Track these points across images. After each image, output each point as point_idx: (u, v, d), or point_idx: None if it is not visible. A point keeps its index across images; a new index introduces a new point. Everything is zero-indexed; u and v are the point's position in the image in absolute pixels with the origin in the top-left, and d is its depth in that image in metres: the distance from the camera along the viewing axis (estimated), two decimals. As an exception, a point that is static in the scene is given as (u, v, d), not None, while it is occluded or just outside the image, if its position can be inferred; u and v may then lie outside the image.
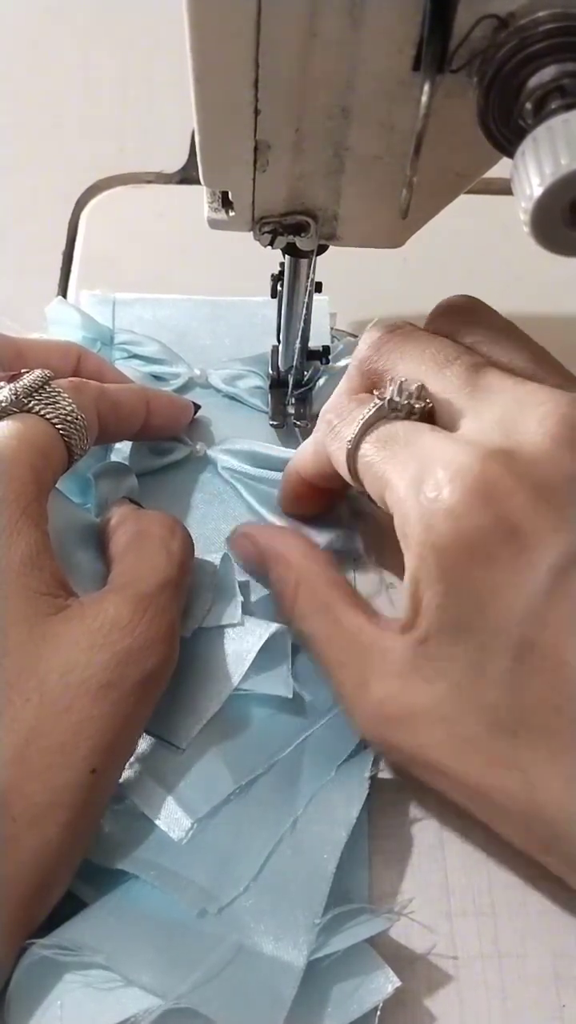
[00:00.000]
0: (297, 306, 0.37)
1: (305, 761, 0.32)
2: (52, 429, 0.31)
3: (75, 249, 0.48)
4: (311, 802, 0.31)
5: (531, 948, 0.30)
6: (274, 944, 0.27)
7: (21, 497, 0.28)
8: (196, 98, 0.27)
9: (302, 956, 0.27)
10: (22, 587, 0.27)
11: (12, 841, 0.25)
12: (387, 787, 0.32)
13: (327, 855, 0.29)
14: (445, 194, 0.31)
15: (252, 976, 0.27)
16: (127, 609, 0.28)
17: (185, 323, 0.44)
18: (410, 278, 0.45)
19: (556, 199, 0.22)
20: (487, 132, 0.25)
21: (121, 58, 0.56)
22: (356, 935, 0.28)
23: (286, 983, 0.27)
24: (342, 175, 0.30)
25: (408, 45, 0.25)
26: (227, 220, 0.32)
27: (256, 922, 0.28)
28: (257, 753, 0.32)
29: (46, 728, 0.26)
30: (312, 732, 0.32)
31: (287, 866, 0.29)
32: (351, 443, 0.30)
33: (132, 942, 0.27)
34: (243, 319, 0.44)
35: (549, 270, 0.36)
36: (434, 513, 0.27)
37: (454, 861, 0.31)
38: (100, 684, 0.27)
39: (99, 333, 0.42)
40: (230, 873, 0.29)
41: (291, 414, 0.41)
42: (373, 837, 0.31)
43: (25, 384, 0.31)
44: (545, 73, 0.23)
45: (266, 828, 0.30)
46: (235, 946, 0.27)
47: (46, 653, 0.27)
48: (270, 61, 0.25)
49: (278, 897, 0.29)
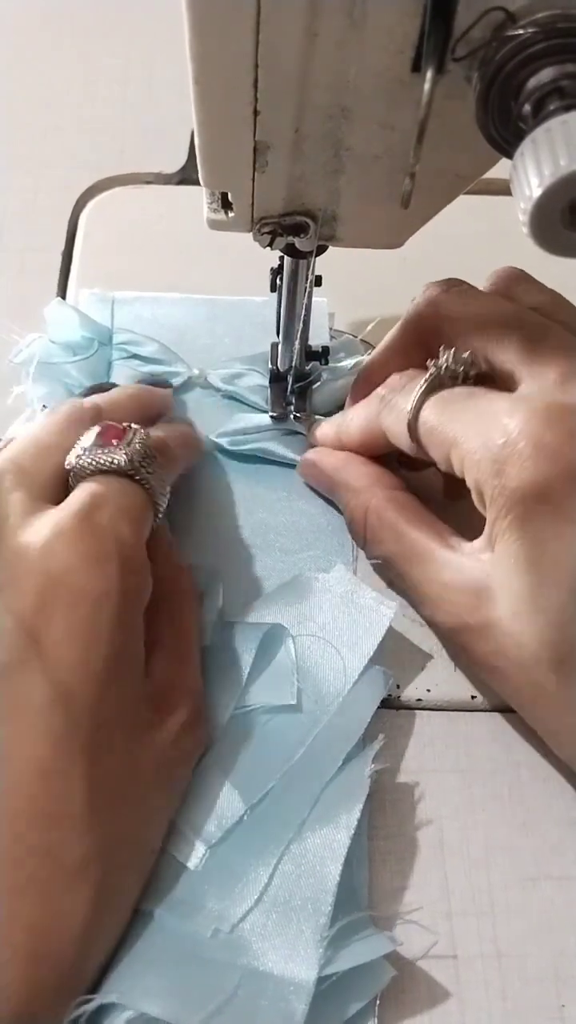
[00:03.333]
0: (296, 306, 0.37)
1: (306, 767, 0.32)
2: (149, 497, 0.31)
3: (75, 249, 0.48)
4: (314, 807, 0.31)
5: (531, 948, 0.30)
6: (283, 964, 0.27)
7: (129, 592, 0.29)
8: (196, 99, 0.27)
9: (312, 973, 0.27)
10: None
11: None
12: (387, 787, 0.33)
13: (331, 864, 0.29)
14: (445, 195, 0.31)
15: (263, 998, 0.27)
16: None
17: (184, 322, 0.44)
18: (410, 278, 0.45)
19: (555, 200, 0.22)
20: (486, 133, 0.25)
21: (121, 58, 0.56)
22: (364, 955, 0.28)
23: (297, 1001, 0.27)
24: (342, 176, 0.30)
25: (408, 45, 0.25)
26: (227, 221, 0.32)
27: (263, 942, 0.28)
28: (264, 768, 0.31)
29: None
30: (315, 736, 0.32)
31: (291, 879, 0.29)
32: (411, 412, 0.32)
33: (142, 975, 0.27)
34: (242, 318, 0.44)
35: (548, 271, 0.36)
36: (506, 459, 0.29)
37: (454, 861, 0.31)
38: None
39: (98, 333, 0.42)
40: (240, 890, 0.29)
41: (291, 404, 0.41)
42: (373, 837, 0.32)
43: (136, 450, 0.31)
44: (544, 75, 0.22)
45: (271, 840, 0.30)
46: (245, 969, 0.27)
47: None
48: (270, 62, 0.25)
49: (284, 913, 0.28)
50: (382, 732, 0.33)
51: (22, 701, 0.27)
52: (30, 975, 0.24)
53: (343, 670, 0.33)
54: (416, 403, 0.32)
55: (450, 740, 0.34)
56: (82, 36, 0.57)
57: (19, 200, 0.50)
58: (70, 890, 0.26)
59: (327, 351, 0.40)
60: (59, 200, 0.50)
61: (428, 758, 0.33)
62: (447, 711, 0.35)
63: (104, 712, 0.27)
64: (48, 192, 0.50)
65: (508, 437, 0.29)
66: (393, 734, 0.34)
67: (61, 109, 0.54)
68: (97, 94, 0.55)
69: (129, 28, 0.58)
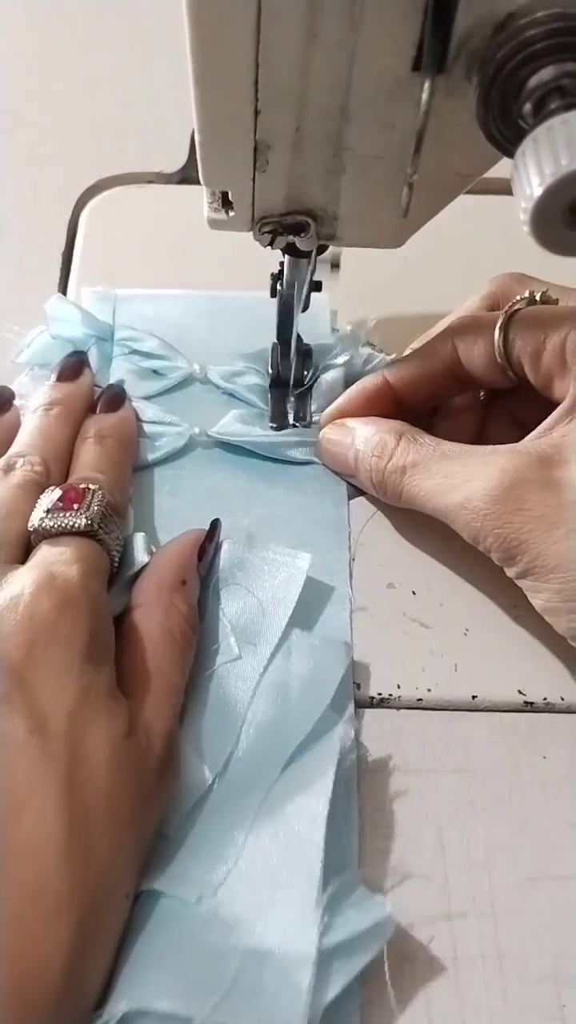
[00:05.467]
0: (296, 306, 0.37)
1: (270, 727, 0.32)
2: (107, 555, 0.33)
3: (75, 249, 0.48)
4: (284, 774, 0.31)
5: (531, 948, 0.30)
6: (283, 939, 0.28)
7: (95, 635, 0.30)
8: (196, 98, 0.27)
9: (312, 943, 0.27)
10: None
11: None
12: (386, 787, 0.33)
13: (313, 831, 0.30)
14: (445, 194, 0.31)
15: (268, 975, 0.27)
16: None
17: (185, 318, 0.45)
18: (410, 278, 0.45)
19: (556, 199, 0.22)
20: (487, 132, 0.25)
21: (121, 58, 0.56)
22: (362, 921, 0.28)
23: (302, 972, 0.27)
24: (342, 175, 0.30)
25: (408, 45, 0.25)
26: (227, 220, 0.32)
27: (261, 922, 0.28)
28: (226, 726, 0.32)
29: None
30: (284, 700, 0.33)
31: (275, 854, 0.29)
32: (503, 319, 0.34)
33: (147, 974, 0.27)
34: (243, 315, 0.45)
35: (548, 270, 0.36)
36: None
37: (454, 861, 0.31)
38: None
39: (99, 329, 0.42)
40: (219, 854, 0.29)
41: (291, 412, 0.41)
42: (372, 837, 0.31)
43: (95, 513, 0.33)
44: (544, 73, 0.23)
45: (247, 802, 0.30)
46: (246, 952, 0.27)
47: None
48: (270, 61, 0.25)
49: (274, 890, 0.29)
50: (380, 731, 0.33)
51: (4, 738, 0.27)
52: (16, 1016, 0.24)
53: (262, 613, 0.34)
54: (503, 321, 0.34)
55: (450, 740, 0.34)
56: (82, 36, 0.57)
57: (19, 200, 0.50)
58: (50, 926, 0.25)
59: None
60: (59, 200, 0.50)
61: (428, 758, 0.33)
62: (447, 711, 0.34)
63: (79, 747, 0.28)
64: (48, 192, 0.50)
65: None
66: (393, 734, 0.34)
67: (61, 109, 0.54)
68: (97, 94, 0.55)
69: (129, 28, 0.58)
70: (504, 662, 0.35)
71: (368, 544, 0.38)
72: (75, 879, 0.26)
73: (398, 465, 0.35)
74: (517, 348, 0.34)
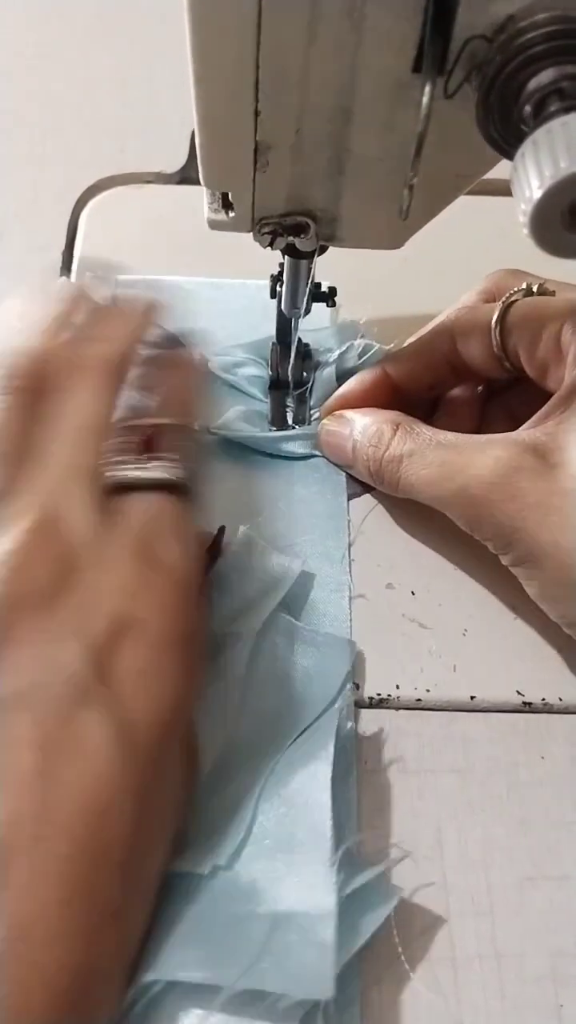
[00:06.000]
0: (297, 306, 0.37)
1: (282, 718, 0.33)
2: (187, 497, 0.32)
3: (75, 249, 0.48)
4: (290, 748, 0.32)
5: (529, 948, 0.30)
6: (303, 899, 0.28)
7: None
8: (197, 99, 0.27)
9: (331, 898, 0.28)
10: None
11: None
12: (385, 787, 0.33)
13: (320, 794, 0.30)
14: (445, 195, 0.31)
15: (293, 935, 0.27)
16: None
17: (185, 305, 0.45)
18: (410, 278, 0.45)
19: (555, 202, 0.22)
20: (487, 134, 0.25)
21: (121, 58, 0.56)
22: (375, 870, 0.29)
23: (325, 928, 0.27)
24: (342, 176, 0.30)
25: (408, 47, 0.25)
26: (227, 221, 0.32)
27: (279, 886, 0.29)
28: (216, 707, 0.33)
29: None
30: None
31: (287, 820, 0.30)
32: (500, 310, 0.35)
33: (171, 946, 0.27)
34: (243, 302, 0.45)
35: (548, 271, 0.36)
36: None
37: (452, 861, 0.31)
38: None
39: None
40: (230, 824, 0.30)
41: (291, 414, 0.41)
42: (371, 837, 0.32)
43: (186, 467, 0.31)
44: (544, 76, 0.23)
45: (252, 778, 0.31)
46: (269, 916, 0.28)
47: None
48: (271, 62, 0.25)
49: (289, 853, 0.29)
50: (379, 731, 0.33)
51: (80, 737, 0.25)
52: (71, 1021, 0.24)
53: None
54: (500, 311, 0.35)
55: (449, 740, 0.34)
56: (82, 36, 0.57)
57: (19, 200, 0.50)
58: (104, 934, 0.25)
59: (334, 291, 0.40)
60: (59, 200, 0.50)
61: (426, 758, 0.33)
62: (447, 711, 0.35)
63: (161, 760, 0.27)
64: (48, 192, 0.50)
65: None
66: (392, 734, 0.34)
67: (61, 109, 0.54)
68: (97, 94, 0.55)
69: (129, 28, 0.58)
70: (503, 663, 0.35)
71: (367, 544, 0.38)
72: (128, 890, 0.26)
73: (395, 454, 0.35)
74: (514, 338, 0.34)
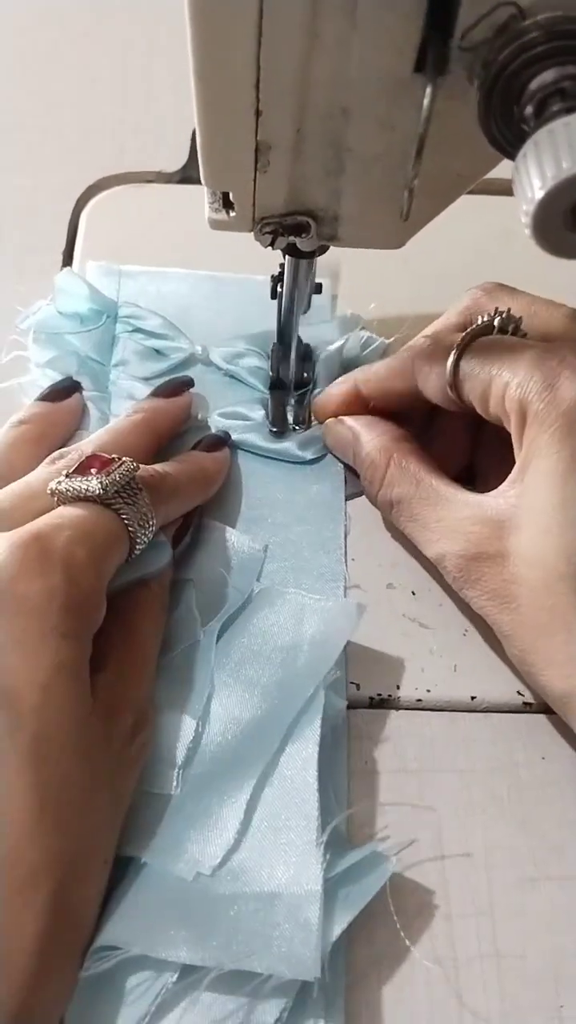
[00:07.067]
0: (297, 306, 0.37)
1: (284, 688, 0.33)
2: (123, 528, 0.31)
3: (75, 249, 0.48)
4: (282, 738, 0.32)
5: (530, 948, 0.30)
6: (289, 880, 0.28)
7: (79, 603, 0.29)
8: (197, 99, 0.27)
9: (317, 880, 0.28)
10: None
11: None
12: (386, 787, 0.33)
13: (306, 774, 0.31)
14: (446, 195, 0.31)
15: (278, 915, 0.28)
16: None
17: (188, 298, 0.45)
18: (410, 278, 0.45)
19: (557, 202, 0.22)
20: (488, 135, 0.25)
21: (121, 58, 0.56)
22: (362, 852, 0.29)
23: (310, 909, 0.28)
24: (343, 176, 0.30)
25: (408, 46, 0.25)
26: (228, 220, 0.32)
27: (265, 868, 0.29)
28: (202, 676, 0.33)
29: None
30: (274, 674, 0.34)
31: (272, 803, 0.30)
32: (455, 355, 0.34)
33: (158, 925, 0.27)
34: (246, 296, 0.45)
35: (549, 272, 0.36)
36: (559, 375, 0.31)
37: (453, 862, 0.31)
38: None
39: (105, 306, 0.43)
40: (218, 826, 0.30)
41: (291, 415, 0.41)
42: (371, 837, 0.32)
43: (114, 480, 0.31)
44: (546, 76, 0.23)
45: (244, 775, 0.31)
46: (254, 896, 0.28)
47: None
48: (271, 62, 0.25)
49: (275, 835, 0.29)
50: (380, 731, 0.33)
51: None
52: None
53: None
54: (459, 349, 0.34)
55: (450, 740, 0.34)
56: (82, 36, 0.57)
57: (19, 200, 0.50)
58: (22, 902, 0.25)
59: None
60: (59, 200, 0.50)
61: (428, 758, 0.33)
62: (447, 711, 0.35)
63: (47, 721, 0.27)
64: (48, 192, 0.50)
65: (563, 358, 0.31)
66: (393, 734, 0.34)
67: (61, 109, 0.54)
68: (97, 94, 0.55)
69: (129, 28, 0.58)
70: (503, 663, 0.35)
71: (368, 544, 0.38)
72: (49, 850, 0.26)
73: (386, 498, 0.36)
74: (466, 389, 0.34)
